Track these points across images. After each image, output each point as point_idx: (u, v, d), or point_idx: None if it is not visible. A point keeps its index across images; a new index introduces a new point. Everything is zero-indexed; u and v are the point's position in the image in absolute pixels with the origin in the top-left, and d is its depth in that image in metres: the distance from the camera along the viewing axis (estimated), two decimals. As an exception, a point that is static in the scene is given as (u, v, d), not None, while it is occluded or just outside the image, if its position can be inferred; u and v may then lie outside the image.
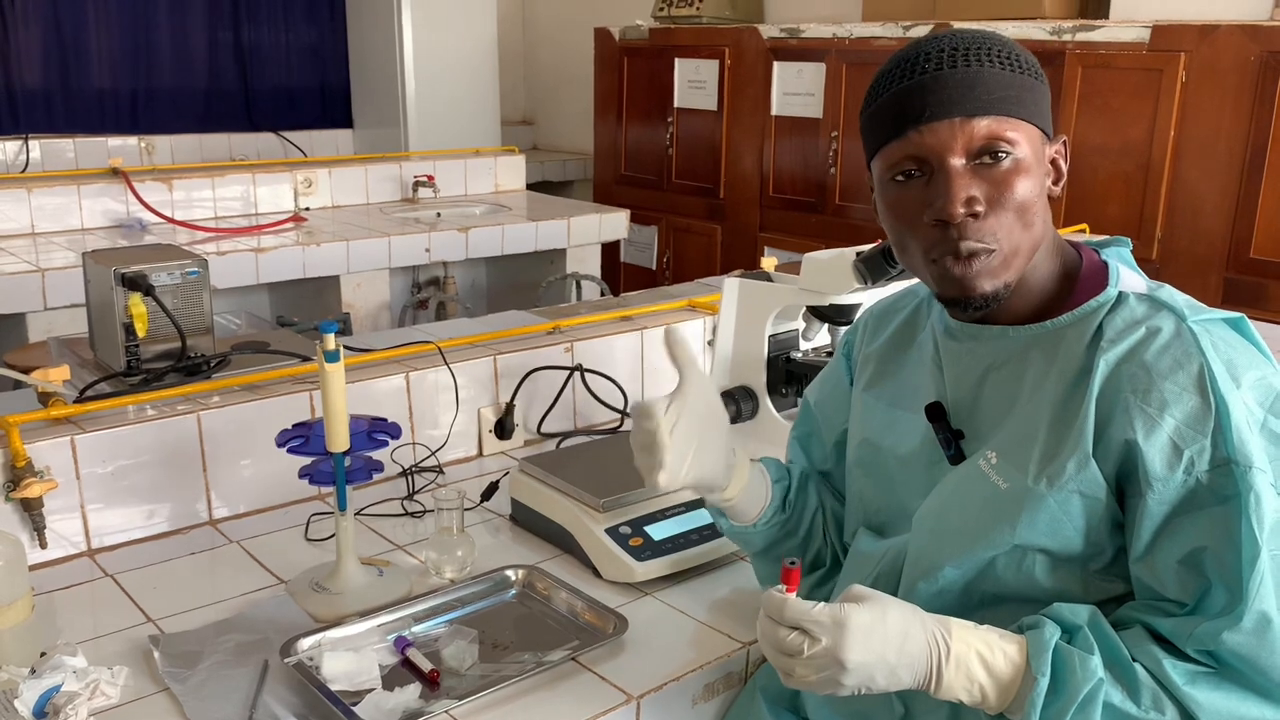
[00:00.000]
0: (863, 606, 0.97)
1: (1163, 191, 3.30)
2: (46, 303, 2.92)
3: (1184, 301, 1.05)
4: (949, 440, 1.12)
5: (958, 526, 1.08)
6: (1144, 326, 1.01)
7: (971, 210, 1.02)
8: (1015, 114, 1.02)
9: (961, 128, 1.01)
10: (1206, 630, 0.95)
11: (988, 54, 1.03)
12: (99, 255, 1.79)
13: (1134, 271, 1.09)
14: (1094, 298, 1.05)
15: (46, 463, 1.48)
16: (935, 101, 1.02)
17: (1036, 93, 1.04)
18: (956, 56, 1.03)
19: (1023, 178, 1.02)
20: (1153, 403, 0.98)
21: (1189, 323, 1.01)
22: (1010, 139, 1.02)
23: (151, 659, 1.25)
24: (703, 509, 1.51)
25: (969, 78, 1.02)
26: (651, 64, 4.78)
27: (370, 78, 5.15)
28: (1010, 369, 1.09)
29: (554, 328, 2.07)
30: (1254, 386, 0.99)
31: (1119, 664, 0.97)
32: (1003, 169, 1.02)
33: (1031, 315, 1.09)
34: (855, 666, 0.95)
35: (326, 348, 1.31)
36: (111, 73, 4.83)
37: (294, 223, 3.73)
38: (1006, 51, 1.04)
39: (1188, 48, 3.20)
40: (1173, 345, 0.99)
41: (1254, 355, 1.02)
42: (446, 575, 1.45)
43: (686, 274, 4.35)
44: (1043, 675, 0.95)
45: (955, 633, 0.98)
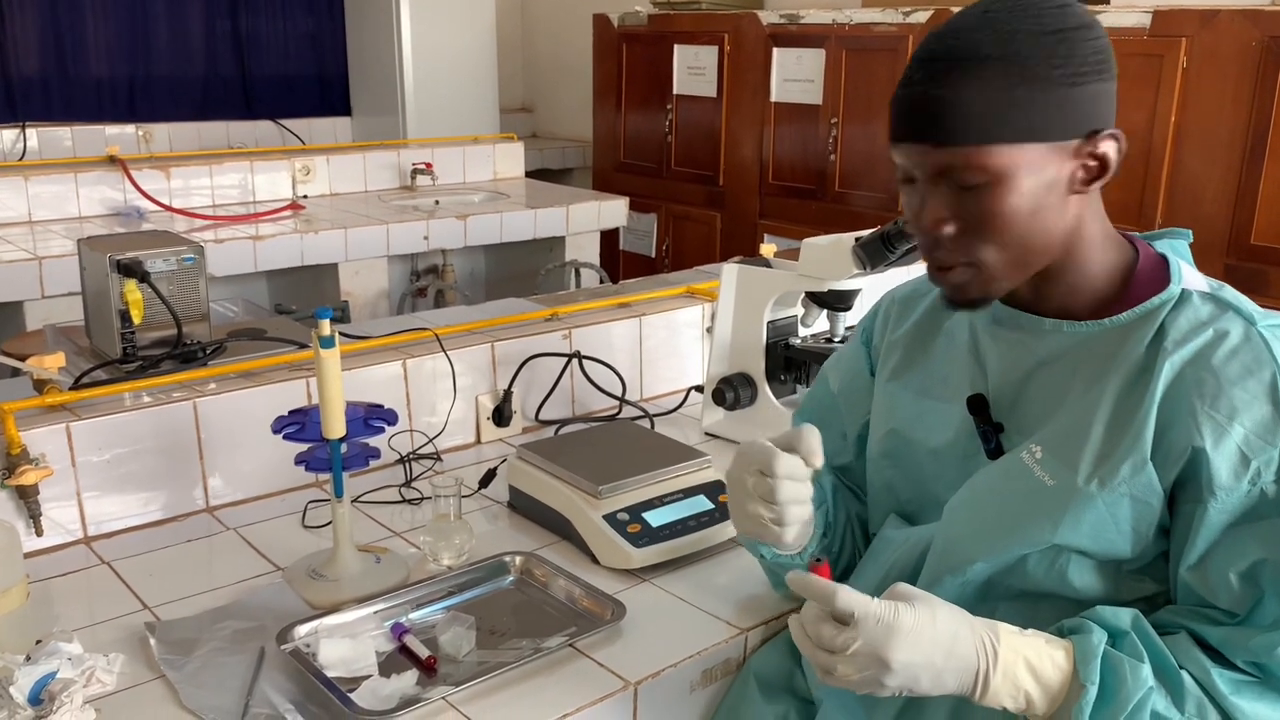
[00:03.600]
0: (913, 606, 0.94)
1: (1163, 177, 3.29)
2: (44, 291, 2.92)
3: (1250, 304, 1.02)
4: (989, 434, 1.09)
5: (994, 521, 1.06)
6: (1211, 329, 0.99)
7: (939, 231, 1.01)
8: (991, 139, 0.96)
9: (929, 154, 1.00)
10: (1261, 643, 0.94)
11: (978, 64, 0.96)
12: (94, 242, 1.78)
13: (1192, 268, 1.06)
14: (1155, 295, 1.03)
15: (42, 450, 1.48)
16: (908, 123, 1.00)
17: (1035, 102, 0.96)
18: (939, 69, 0.97)
19: (1003, 199, 0.98)
20: (1221, 409, 0.96)
21: (1259, 327, 0.98)
22: (982, 166, 0.97)
23: (148, 646, 1.25)
24: (700, 496, 1.51)
25: (939, 103, 0.97)
26: (650, 50, 4.76)
27: (368, 65, 5.14)
28: (1063, 365, 1.06)
29: (552, 315, 2.06)
30: None
31: (1165, 671, 0.95)
32: (977, 192, 0.99)
33: (1086, 312, 1.06)
34: (901, 667, 0.92)
35: (321, 334, 1.31)
36: (109, 61, 4.81)
37: (292, 210, 3.72)
38: (1001, 53, 0.96)
39: (1189, 33, 3.18)
40: (1242, 350, 0.97)
41: None
42: (444, 562, 1.44)
43: (686, 261, 4.34)
44: (1092, 683, 0.93)
45: (1004, 639, 0.95)
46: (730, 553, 1.49)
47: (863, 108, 3.99)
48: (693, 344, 2.17)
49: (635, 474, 1.51)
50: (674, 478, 1.53)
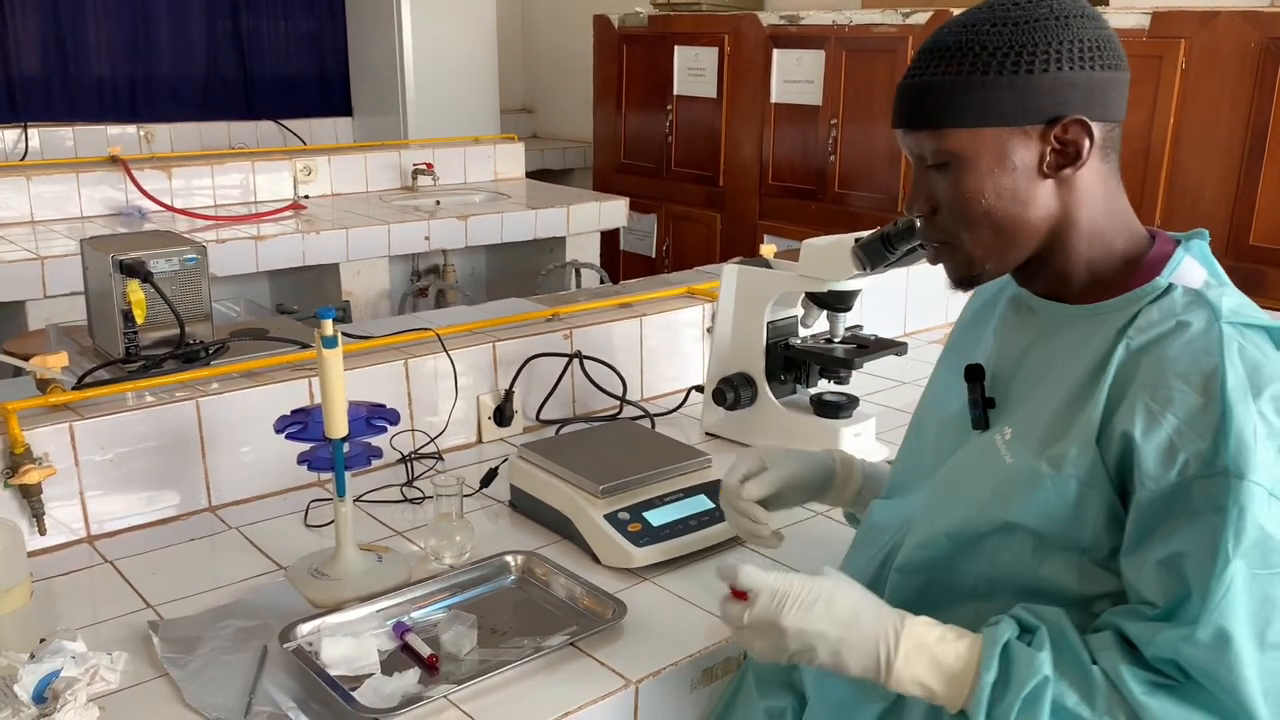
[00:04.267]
0: (813, 579, 1.02)
1: (1162, 178, 3.29)
2: (46, 290, 2.92)
3: (1234, 303, 1.00)
4: (977, 403, 1.12)
5: (962, 496, 1.09)
6: (1175, 320, 0.99)
7: (922, 211, 1.09)
8: (950, 123, 1.03)
9: (905, 138, 1.08)
10: (1166, 638, 0.93)
11: (944, 54, 1.03)
12: (97, 242, 1.79)
13: (1201, 265, 1.06)
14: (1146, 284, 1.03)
15: (45, 449, 1.48)
16: (897, 110, 1.09)
17: (991, 87, 1.01)
18: (917, 59, 1.06)
19: (964, 180, 1.04)
20: (1159, 398, 0.96)
21: (1222, 322, 0.97)
22: (945, 149, 1.04)
23: (151, 644, 1.25)
24: (701, 495, 1.52)
25: (914, 90, 1.05)
26: (651, 51, 4.77)
27: (369, 66, 5.14)
28: (1050, 346, 1.09)
29: (553, 315, 2.07)
30: (1275, 399, 0.95)
31: (1076, 666, 0.96)
32: (949, 174, 1.05)
33: (1080, 297, 1.08)
34: (793, 632, 1.00)
35: (324, 334, 1.31)
36: (110, 61, 4.81)
37: (293, 210, 3.72)
38: (956, 48, 1.02)
39: (1188, 34, 3.19)
40: (1195, 342, 0.97)
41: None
42: (445, 561, 1.45)
43: (686, 262, 4.34)
44: (988, 670, 0.95)
45: (909, 626, 1.00)
46: (731, 552, 1.50)
47: (863, 109, 4.00)
48: (693, 344, 2.18)
49: (636, 474, 1.51)
50: (674, 477, 1.54)
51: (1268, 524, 0.91)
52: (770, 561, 1.42)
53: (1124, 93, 1.05)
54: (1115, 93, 1.04)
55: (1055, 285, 1.10)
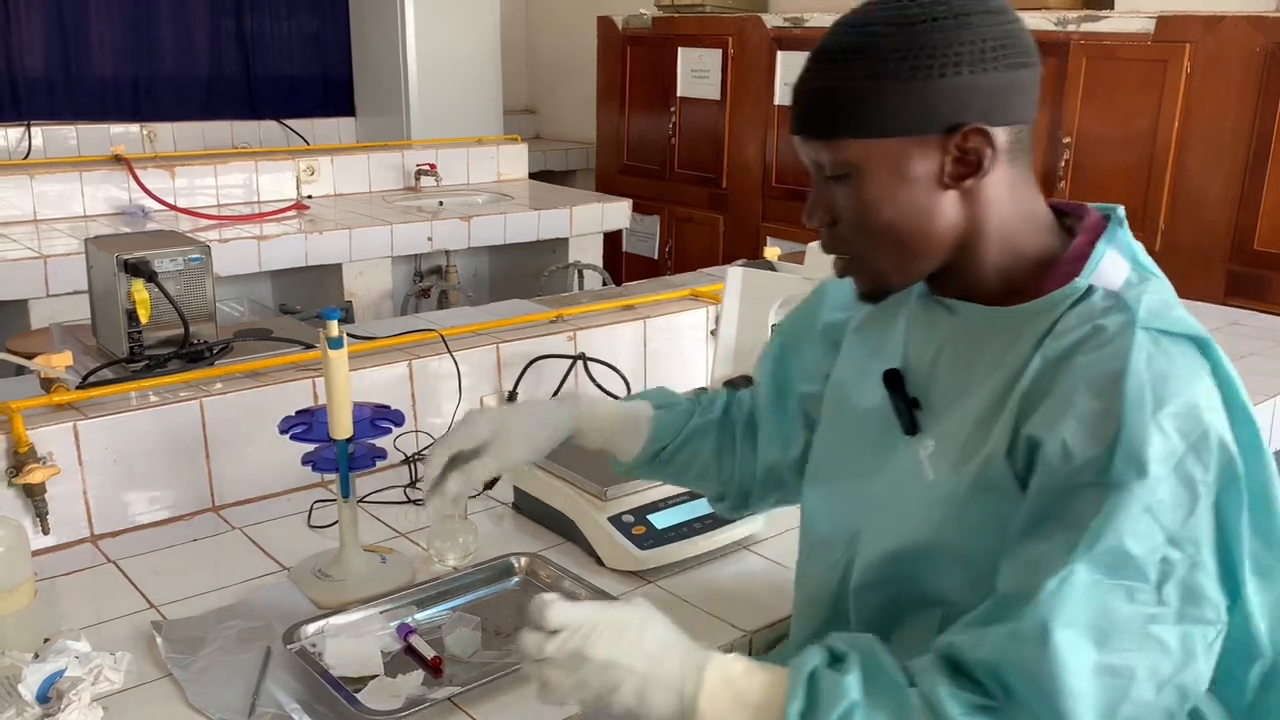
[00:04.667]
0: (623, 609, 0.96)
1: (1166, 183, 3.29)
2: (49, 289, 2.92)
3: (1154, 304, 0.94)
4: (903, 409, 1.08)
5: (896, 515, 1.06)
6: (1092, 325, 0.93)
7: (821, 222, 1.04)
8: (842, 133, 0.97)
9: (800, 146, 1.03)
10: (992, 636, 0.88)
11: (837, 57, 0.97)
12: (102, 241, 1.79)
13: (1124, 258, 1.00)
14: (1062, 287, 0.97)
15: (49, 448, 1.48)
16: (792, 116, 1.03)
17: (884, 95, 0.95)
18: (812, 63, 1.00)
19: (861, 192, 0.99)
20: (1062, 401, 0.91)
21: (1137, 327, 0.91)
22: (842, 160, 0.98)
23: (154, 645, 1.25)
24: (704, 499, 1.51)
25: (808, 95, 1.00)
26: (654, 53, 4.77)
27: (372, 66, 5.14)
28: (964, 348, 1.04)
29: (557, 316, 2.07)
30: (1181, 415, 0.88)
31: (890, 689, 0.90)
32: (847, 185, 1.00)
33: (1001, 301, 1.02)
34: (599, 664, 0.92)
35: (330, 334, 1.31)
36: (114, 60, 4.81)
37: (296, 210, 3.72)
38: (849, 51, 0.97)
39: (1193, 39, 3.19)
40: (1106, 347, 0.91)
41: (1201, 385, 0.91)
42: (449, 562, 1.45)
43: (688, 264, 4.34)
44: (794, 699, 0.89)
45: (714, 663, 0.94)
46: (735, 555, 1.50)
47: (866, 111, 3.99)
48: (697, 346, 2.18)
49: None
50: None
51: (1130, 538, 0.86)
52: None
53: (1033, 91, 0.98)
54: (1021, 93, 0.97)
55: (968, 291, 1.04)
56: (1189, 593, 0.88)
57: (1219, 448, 0.90)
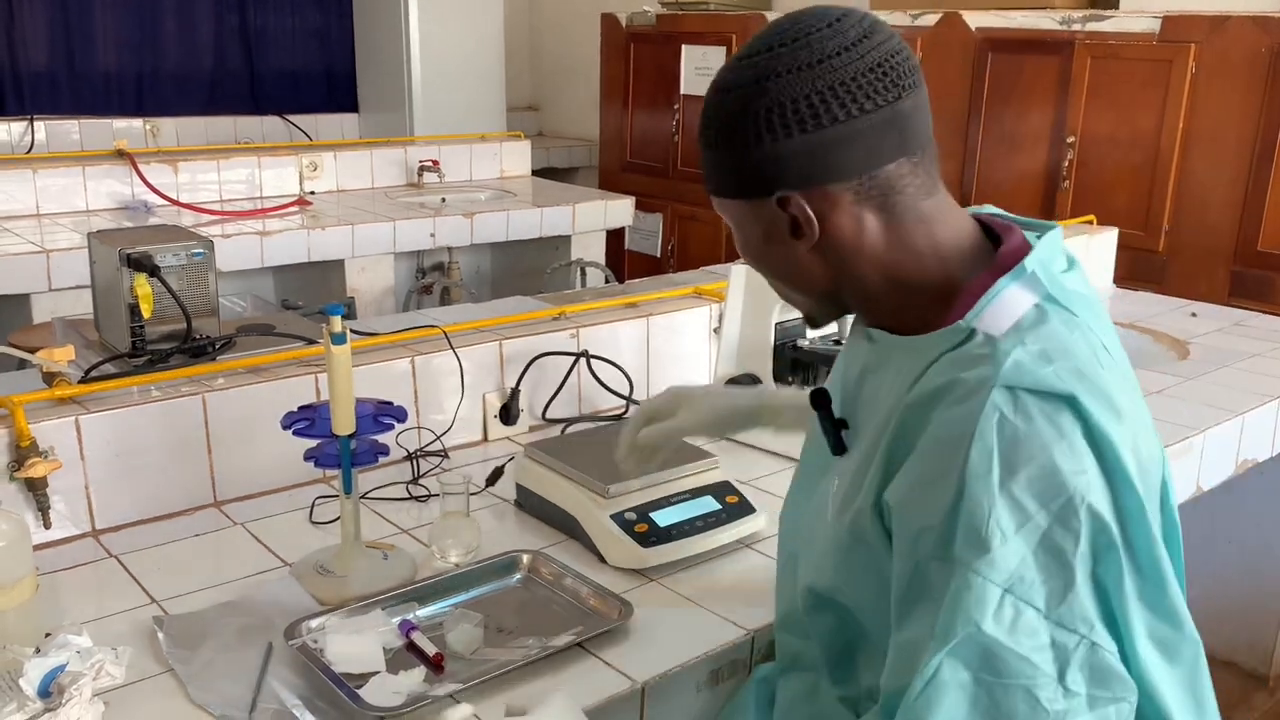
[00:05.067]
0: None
1: (1170, 183, 3.29)
2: (51, 284, 2.92)
3: (1026, 356, 0.86)
4: (829, 429, 1.05)
5: (810, 549, 1.06)
6: (952, 377, 0.87)
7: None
8: (711, 191, 1.01)
9: None
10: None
11: (701, 120, 0.98)
12: (104, 236, 1.79)
13: (1031, 291, 0.91)
14: (949, 326, 0.92)
15: (51, 443, 1.48)
16: None
17: (714, 163, 0.97)
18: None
19: (740, 244, 1.03)
20: (912, 468, 0.87)
21: (997, 386, 0.84)
22: (721, 214, 1.02)
23: (155, 640, 1.25)
24: (708, 496, 1.51)
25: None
26: (658, 50, 4.76)
27: (376, 62, 5.14)
28: (876, 375, 1.01)
29: (560, 314, 2.06)
30: (1035, 483, 0.82)
31: None
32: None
33: (909, 330, 0.98)
34: None
35: (333, 330, 1.31)
36: (117, 54, 4.81)
37: (299, 206, 3.72)
38: (705, 114, 0.97)
39: (1198, 39, 3.18)
40: (958, 407, 0.85)
41: (1063, 447, 0.83)
42: (451, 559, 1.44)
43: (691, 262, 4.34)
44: None
45: None
46: (738, 553, 1.49)
47: (870, 110, 3.98)
48: (700, 344, 2.17)
49: (643, 474, 1.51)
50: (681, 478, 1.53)
51: (991, 625, 0.80)
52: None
53: (876, 138, 0.90)
54: (859, 144, 0.90)
55: (878, 320, 1.01)
56: (1095, 675, 0.82)
57: (1089, 515, 0.82)
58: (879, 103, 0.90)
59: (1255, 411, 2.04)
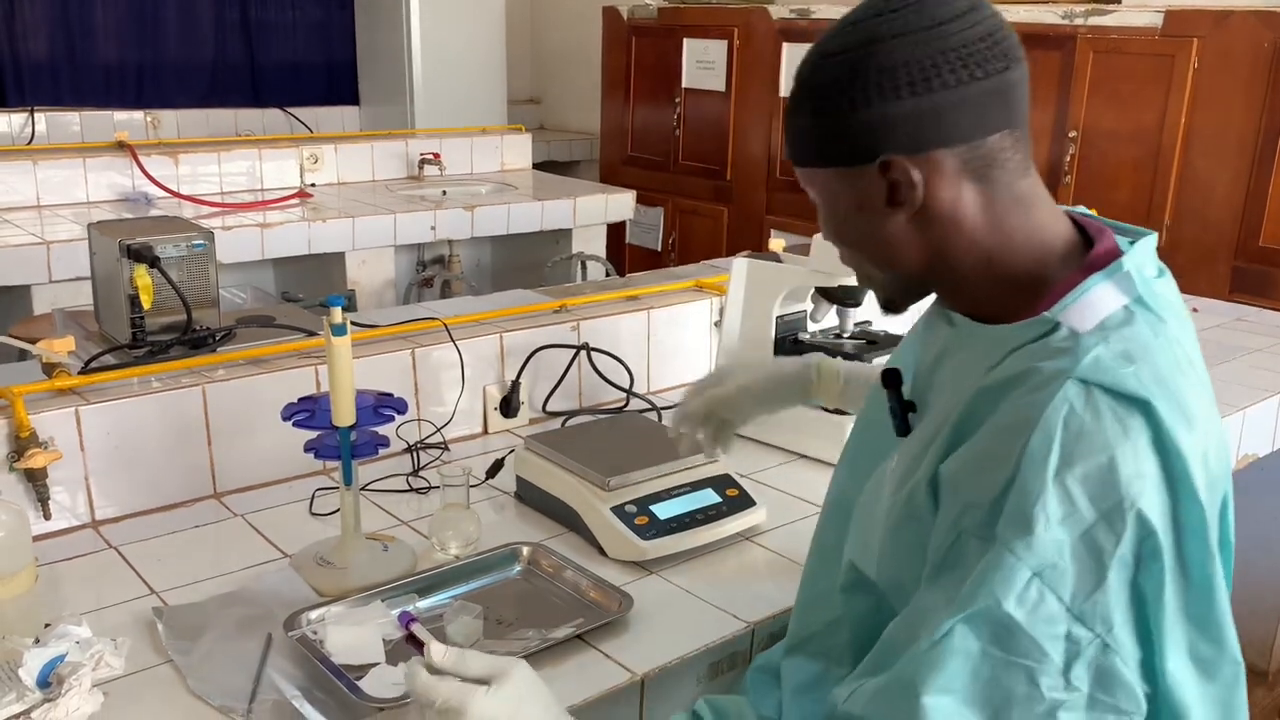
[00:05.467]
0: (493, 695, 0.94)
1: (1172, 179, 3.28)
2: (51, 275, 2.92)
3: (1108, 354, 0.86)
4: (895, 410, 1.05)
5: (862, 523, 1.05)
6: (1034, 365, 0.87)
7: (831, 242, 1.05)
8: (802, 163, 0.99)
9: None
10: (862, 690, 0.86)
11: (794, 88, 0.98)
12: (104, 227, 1.78)
13: (1122, 291, 0.92)
14: (1033, 318, 0.92)
15: (51, 434, 1.48)
16: None
17: (814, 129, 0.95)
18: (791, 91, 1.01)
19: (830, 220, 1.01)
20: (971, 445, 0.88)
21: (1072, 377, 0.84)
22: (808, 187, 1.00)
23: (155, 631, 1.25)
24: (708, 489, 1.51)
25: (785, 125, 1.01)
26: (660, 44, 4.75)
27: (377, 54, 5.13)
28: (955, 360, 1.01)
29: (560, 306, 2.06)
30: (1090, 480, 0.81)
31: None
32: (820, 212, 1.02)
33: (991, 316, 0.97)
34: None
35: (333, 321, 1.31)
36: (118, 46, 4.80)
37: (300, 198, 3.72)
38: (797, 84, 0.97)
39: (1201, 33, 3.18)
40: (1030, 395, 0.85)
41: (1127, 449, 0.82)
42: (451, 551, 1.44)
43: (692, 256, 4.34)
44: None
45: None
46: (738, 546, 1.49)
47: (872, 104, 3.98)
48: (700, 338, 2.17)
49: (643, 466, 1.51)
50: (682, 471, 1.53)
51: (1012, 604, 0.81)
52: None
53: (992, 104, 0.91)
54: (968, 110, 0.90)
55: (962, 305, 1.01)
56: (1102, 677, 0.81)
57: (1136, 521, 0.81)
58: (989, 71, 0.91)
59: (1256, 407, 2.04)
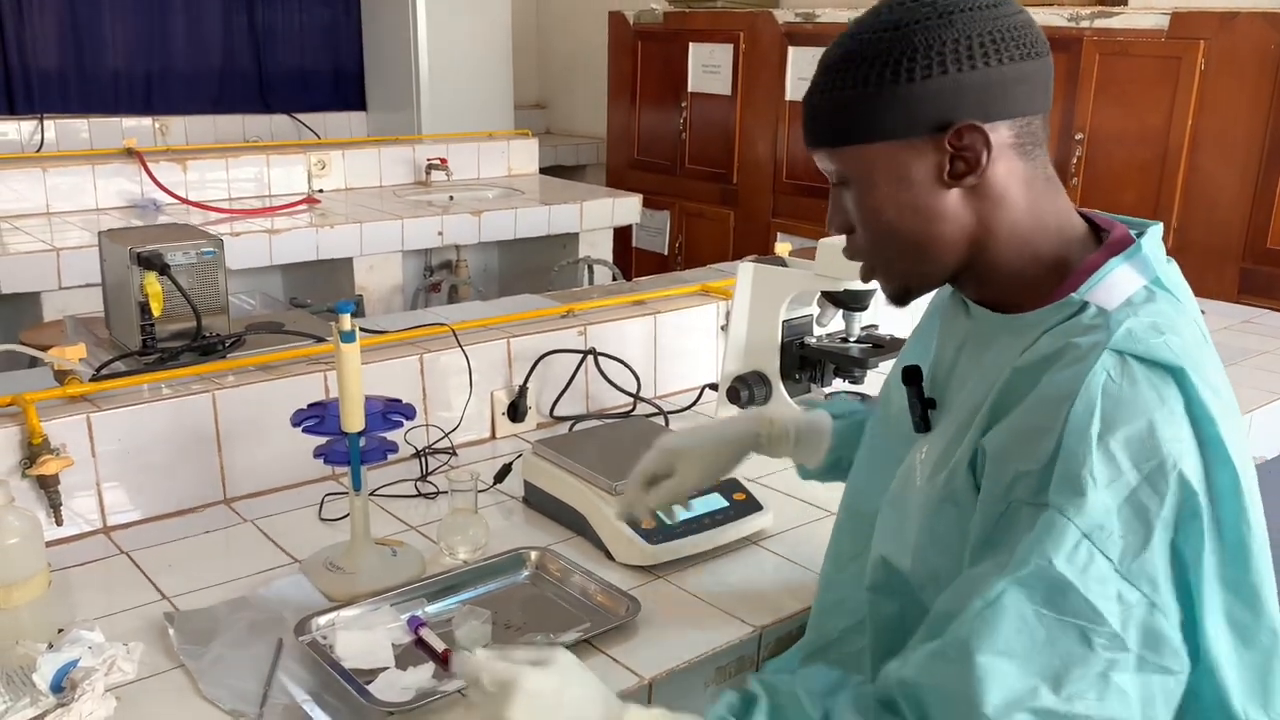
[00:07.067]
0: (542, 671, 0.95)
1: (1179, 181, 3.28)
2: (61, 282, 2.93)
3: (1139, 326, 0.89)
4: (917, 406, 1.07)
5: (893, 517, 1.06)
6: (1067, 342, 0.90)
7: (840, 230, 1.05)
8: (839, 142, 0.99)
9: (814, 156, 1.04)
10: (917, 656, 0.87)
11: (832, 66, 0.99)
12: (115, 234, 1.79)
13: (1140, 273, 0.95)
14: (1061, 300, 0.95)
15: (63, 440, 1.49)
16: (803, 127, 1.05)
17: (870, 100, 0.95)
18: (816, 74, 1.02)
19: (863, 198, 0.99)
20: (1013, 419, 0.89)
21: (1108, 349, 0.87)
22: (842, 168, 1.00)
23: (166, 636, 1.26)
24: (715, 494, 1.51)
25: (810, 106, 1.02)
26: (666, 48, 4.76)
27: (384, 60, 5.15)
28: (976, 352, 1.03)
29: (568, 311, 2.07)
30: (1135, 442, 0.84)
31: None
32: (852, 193, 1.01)
33: (1016, 306, 0.99)
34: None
35: (342, 328, 1.32)
36: (126, 53, 4.83)
37: (307, 204, 3.73)
38: (841, 59, 0.98)
39: (1207, 35, 3.17)
40: (1070, 366, 0.88)
41: (1164, 413, 0.85)
42: (460, 556, 1.45)
43: (698, 260, 4.34)
44: None
45: (630, 714, 0.95)
46: (745, 550, 1.50)
47: (878, 107, 3.98)
48: (707, 342, 2.18)
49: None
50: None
51: (1064, 564, 0.83)
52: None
53: (1038, 84, 0.96)
54: (1024, 86, 0.95)
55: (987, 293, 1.02)
56: (1149, 637, 0.83)
57: (1178, 482, 0.84)
58: (1039, 51, 0.96)
59: (1264, 409, 2.04)
